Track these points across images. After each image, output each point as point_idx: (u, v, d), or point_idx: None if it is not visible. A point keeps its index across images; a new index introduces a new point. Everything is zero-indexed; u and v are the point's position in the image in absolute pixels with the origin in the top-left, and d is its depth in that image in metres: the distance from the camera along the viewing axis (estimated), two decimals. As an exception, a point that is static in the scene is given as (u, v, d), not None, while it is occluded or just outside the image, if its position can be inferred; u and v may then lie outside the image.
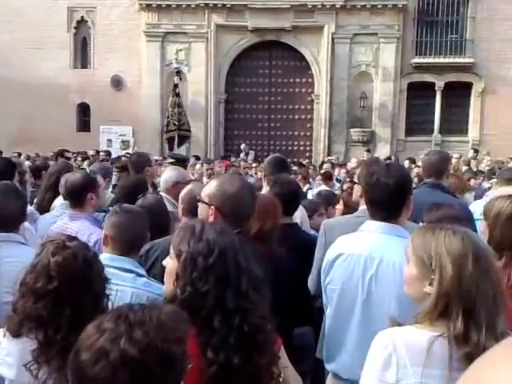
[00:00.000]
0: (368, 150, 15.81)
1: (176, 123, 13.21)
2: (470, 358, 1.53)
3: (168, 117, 13.57)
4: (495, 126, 16.82)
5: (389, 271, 2.29)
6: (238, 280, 1.70)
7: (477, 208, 3.89)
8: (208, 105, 17.76)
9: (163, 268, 1.88)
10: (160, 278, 2.04)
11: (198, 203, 2.62)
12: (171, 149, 12.69)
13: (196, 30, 17.52)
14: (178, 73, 14.48)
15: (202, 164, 10.03)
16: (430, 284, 1.64)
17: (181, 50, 16.25)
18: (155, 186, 5.09)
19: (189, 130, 13.91)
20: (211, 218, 2.45)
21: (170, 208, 3.65)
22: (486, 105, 17.27)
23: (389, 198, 2.41)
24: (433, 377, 1.56)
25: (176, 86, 13.99)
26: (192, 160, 11.94)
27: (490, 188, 6.05)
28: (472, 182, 7.67)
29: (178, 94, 13.84)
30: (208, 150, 17.88)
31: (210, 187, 2.58)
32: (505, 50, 16.97)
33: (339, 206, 4.17)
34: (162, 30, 17.59)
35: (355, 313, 2.39)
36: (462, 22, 17.32)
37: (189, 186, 3.10)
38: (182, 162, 6.69)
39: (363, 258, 2.36)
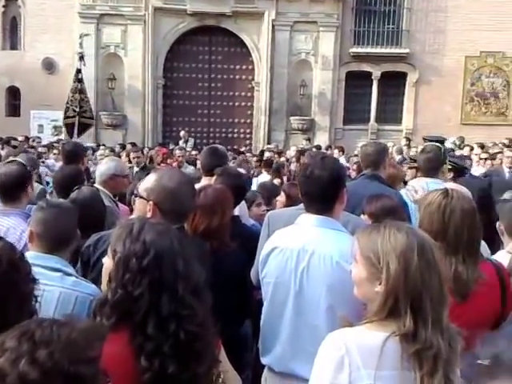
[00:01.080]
0: (308, 139, 15.97)
1: (76, 109, 12.79)
2: (419, 356, 1.56)
3: (67, 103, 13.14)
4: (428, 116, 17.40)
5: (320, 264, 2.32)
6: (174, 284, 1.61)
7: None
8: (145, 90, 17.31)
9: None
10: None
11: (136, 198, 2.53)
12: (71, 136, 12.28)
13: (133, 13, 16.98)
14: (82, 58, 13.99)
15: (127, 153, 8.52)
16: (380, 284, 1.63)
17: (86, 35, 15.62)
18: (89, 176, 4.88)
19: (91, 118, 13.52)
20: (149, 214, 2.38)
21: (106, 202, 3.52)
22: (420, 95, 17.79)
23: (322, 190, 2.42)
24: (385, 378, 1.56)
25: (79, 71, 13.54)
26: (128, 147, 11.64)
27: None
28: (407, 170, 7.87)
29: (80, 80, 13.41)
30: (146, 136, 17.48)
31: (148, 181, 2.50)
32: (438, 42, 17.53)
33: (280, 198, 4.16)
34: (97, 11, 16.92)
35: (288, 306, 2.40)
36: (399, 13, 17.73)
37: None
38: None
39: (296, 252, 2.38)
